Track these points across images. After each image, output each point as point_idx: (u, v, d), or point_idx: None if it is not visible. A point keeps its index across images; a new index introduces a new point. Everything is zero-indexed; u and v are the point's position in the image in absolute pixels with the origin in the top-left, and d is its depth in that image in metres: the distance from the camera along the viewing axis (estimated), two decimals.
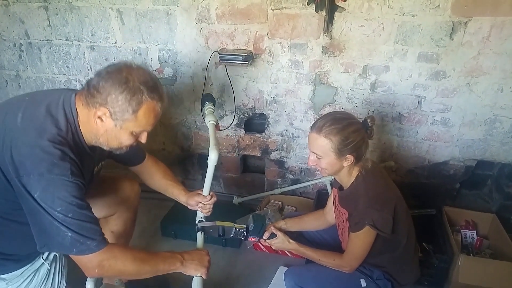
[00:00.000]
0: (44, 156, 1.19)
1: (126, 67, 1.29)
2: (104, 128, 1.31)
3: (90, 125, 1.33)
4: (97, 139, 1.36)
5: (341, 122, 1.55)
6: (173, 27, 2.40)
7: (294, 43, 2.28)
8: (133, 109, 1.27)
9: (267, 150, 2.69)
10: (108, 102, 1.25)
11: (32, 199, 1.18)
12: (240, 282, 2.20)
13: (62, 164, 1.21)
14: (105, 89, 1.25)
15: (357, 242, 1.63)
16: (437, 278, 2.14)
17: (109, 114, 1.27)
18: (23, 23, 2.62)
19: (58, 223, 1.19)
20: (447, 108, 2.25)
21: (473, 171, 2.44)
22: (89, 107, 1.29)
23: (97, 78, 1.27)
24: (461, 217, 2.45)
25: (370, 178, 1.63)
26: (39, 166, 1.18)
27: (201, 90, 2.52)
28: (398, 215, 1.62)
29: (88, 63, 2.66)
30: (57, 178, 1.19)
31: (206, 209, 1.84)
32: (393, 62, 2.19)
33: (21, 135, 1.22)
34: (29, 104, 1.32)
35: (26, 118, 1.26)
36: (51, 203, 1.18)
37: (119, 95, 1.24)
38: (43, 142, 1.21)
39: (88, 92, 1.28)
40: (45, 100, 1.33)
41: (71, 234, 1.20)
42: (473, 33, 2.03)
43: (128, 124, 1.30)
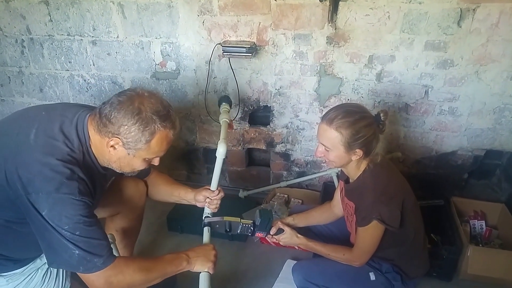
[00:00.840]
0: (53, 175, 1.20)
1: (137, 96, 1.30)
2: (117, 156, 1.34)
3: (103, 151, 1.35)
4: (110, 164, 1.40)
5: (353, 115, 1.52)
6: (175, 20, 2.38)
7: (298, 33, 2.24)
8: (146, 139, 1.29)
9: (272, 143, 2.67)
10: (121, 132, 1.27)
11: (40, 217, 1.19)
12: (247, 276, 2.20)
13: (70, 184, 1.22)
14: (118, 119, 1.26)
15: (366, 236, 1.61)
16: (446, 269, 2.12)
17: (122, 144, 1.29)
18: (24, 18, 2.60)
19: (66, 240, 1.20)
20: (455, 97, 2.22)
21: (482, 160, 2.41)
22: (101, 135, 1.31)
23: (109, 108, 1.28)
24: (470, 208, 2.43)
25: (378, 172, 1.60)
26: (48, 184, 1.19)
27: (205, 83, 2.50)
28: (407, 209, 1.60)
29: (90, 58, 2.64)
30: (65, 197, 1.20)
31: (213, 205, 1.82)
32: (399, 52, 2.15)
33: (32, 153, 1.24)
34: (44, 120, 1.34)
35: (39, 136, 1.28)
36: (58, 221, 1.19)
37: (132, 126, 1.26)
38: (53, 161, 1.22)
39: (100, 121, 1.29)
40: (59, 117, 1.35)
41: (78, 252, 1.21)
42: (481, 19, 1.99)
43: (141, 153, 1.33)
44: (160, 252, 2.37)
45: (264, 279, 2.15)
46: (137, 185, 1.82)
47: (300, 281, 1.79)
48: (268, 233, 1.84)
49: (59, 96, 2.87)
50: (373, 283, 1.72)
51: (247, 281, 2.17)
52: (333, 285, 1.75)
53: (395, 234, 1.59)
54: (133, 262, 1.37)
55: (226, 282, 2.15)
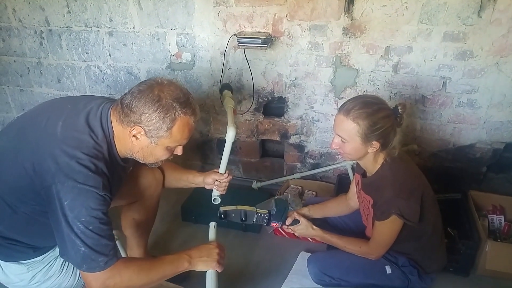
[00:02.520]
0: (80, 168, 1.22)
1: (157, 84, 1.32)
2: (140, 145, 1.36)
3: (125, 142, 1.37)
4: (133, 155, 1.42)
5: (371, 106, 1.50)
6: (190, 11, 2.38)
7: (313, 24, 2.22)
8: (168, 126, 1.30)
9: (286, 134, 2.66)
10: (142, 121, 1.29)
11: (59, 208, 1.20)
12: (260, 268, 2.20)
13: (95, 177, 1.24)
14: (139, 108, 1.28)
15: (383, 230, 1.60)
16: (463, 264, 2.09)
17: (144, 133, 1.31)
18: (43, 10, 2.64)
19: (74, 235, 1.20)
20: (474, 89, 2.17)
21: (501, 154, 2.35)
22: (123, 125, 1.33)
23: (130, 97, 1.30)
24: (488, 202, 2.39)
25: (396, 166, 1.58)
26: (75, 175, 1.21)
27: (220, 74, 2.50)
28: (425, 203, 1.58)
29: (106, 48, 2.67)
30: (90, 189, 1.22)
31: (222, 187, 1.84)
32: (417, 43, 2.12)
33: (60, 145, 1.26)
34: (70, 113, 1.36)
35: (66, 128, 1.30)
36: (78, 213, 1.20)
37: (153, 113, 1.27)
38: (80, 154, 1.24)
39: (122, 111, 1.31)
40: (84, 110, 1.36)
41: (84, 249, 1.21)
42: (502, 10, 1.94)
43: (163, 141, 1.34)
44: (173, 242, 2.39)
45: (278, 271, 2.15)
46: (154, 173, 1.84)
47: (316, 274, 1.79)
48: (284, 223, 1.84)
49: (76, 86, 2.91)
50: (389, 276, 1.72)
51: (261, 273, 2.17)
52: (348, 277, 1.74)
53: (413, 228, 1.57)
54: (132, 264, 1.36)
55: (239, 273, 2.16)
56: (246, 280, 2.12)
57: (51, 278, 1.50)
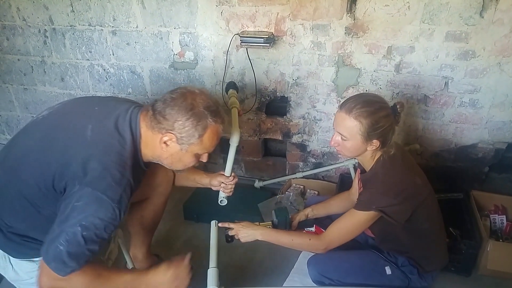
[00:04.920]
0: (105, 176, 1.23)
1: (189, 93, 1.35)
2: (170, 152, 1.39)
3: (154, 148, 1.39)
4: (160, 160, 1.45)
5: (373, 105, 1.50)
6: (193, 10, 2.38)
7: (316, 24, 2.23)
8: (199, 134, 1.34)
9: (289, 133, 2.67)
10: (175, 128, 1.32)
11: (69, 204, 1.20)
12: (263, 266, 2.21)
13: (116, 189, 1.24)
14: (172, 115, 1.31)
15: (352, 220, 1.58)
16: (465, 264, 2.09)
17: (176, 139, 1.34)
18: (47, 9, 2.65)
19: (63, 233, 1.17)
20: (476, 89, 2.17)
21: (503, 154, 2.35)
22: (154, 131, 1.35)
23: (162, 104, 1.33)
24: (490, 202, 2.39)
25: (389, 163, 1.57)
26: (98, 183, 1.22)
27: (222, 73, 2.51)
28: (420, 202, 1.57)
29: (110, 48, 2.68)
30: (106, 200, 1.21)
31: (228, 189, 1.88)
32: (419, 43, 2.12)
33: (89, 149, 1.27)
34: (98, 116, 1.37)
35: (96, 132, 1.32)
36: (83, 216, 1.18)
37: (186, 121, 1.31)
38: (108, 161, 1.26)
39: (153, 117, 1.34)
40: (113, 113, 1.38)
41: (62, 248, 1.17)
42: (504, 10, 1.94)
43: (193, 148, 1.38)
44: (175, 240, 2.40)
45: (280, 270, 2.15)
46: (166, 171, 1.84)
47: (315, 276, 1.78)
48: (290, 229, 1.88)
49: (79, 85, 2.92)
50: (389, 277, 1.70)
51: (263, 271, 2.18)
52: (348, 280, 1.73)
53: (407, 226, 1.57)
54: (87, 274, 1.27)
55: (241, 272, 2.17)
56: (248, 279, 2.13)
57: None
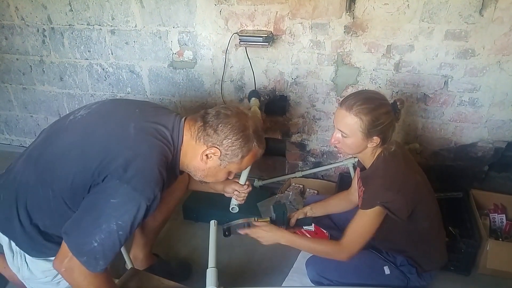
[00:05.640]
0: (145, 175, 1.23)
1: (243, 115, 1.39)
2: (208, 165, 1.40)
3: (192, 157, 1.40)
4: (194, 171, 1.45)
5: (373, 102, 1.50)
6: (192, 9, 2.38)
7: (315, 23, 2.22)
8: (242, 155, 1.38)
9: (288, 132, 2.66)
10: (223, 144, 1.34)
11: (103, 199, 1.19)
12: (261, 266, 2.20)
13: (153, 188, 1.23)
14: (223, 132, 1.33)
15: (363, 221, 1.56)
16: (464, 263, 2.08)
17: (219, 155, 1.36)
18: (45, 8, 2.64)
19: (99, 230, 1.17)
20: (476, 88, 2.17)
21: (503, 153, 2.35)
22: (199, 141, 1.36)
23: (216, 119, 1.34)
24: (490, 201, 2.38)
25: (390, 160, 1.58)
26: (138, 181, 1.21)
27: (221, 72, 2.51)
28: (419, 200, 1.57)
29: (109, 47, 2.67)
30: (143, 199, 1.20)
31: (241, 197, 1.87)
32: (418, 41, 2.12)
33: (134, 144, 1.28)
34: (141, 117, 1.38)
35: (138, 131, 1.32)
36: (119, 214, 1.18)
37: (235, 140, 1.34)
38: (151, 158, 1.26)
39: (203, 128, 1.35)
40: (154, 118, 1.38)
41: (96, 245, 1.17)
42: (504, 8, 1.93)
43: (231, 166, 1.41)
44: (175, 240, 2.39)
45: (279, 270, 2.15)
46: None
47: (314, 276, 1.78)
48: (288, 225, 1.87)
49: (78, 84, 2.91)
50: (388, 277, 1.70)
51: (262, 271, 2.17)
52: (347, 280, 1.73)
53: (406, 225, 1.57)
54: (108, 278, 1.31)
55: (240, 272, 2.17)
56: (247, 278, 2.12)
57: None
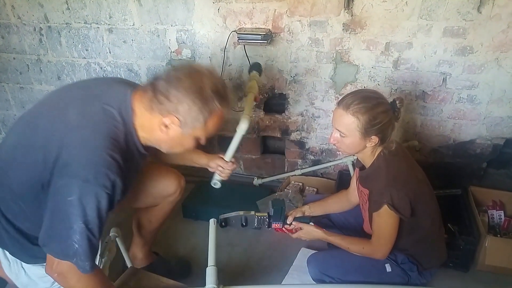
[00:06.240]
0: (93, 162, 1.16)
1: (197, 73, 1.25)
2: (170, 135, 1.29)
3: (152, 130, 1.29)
4: (158, 144, 1.35)
5: (371, 101, 1.50)
6: (190, 7, 2.37)
7: (314, 20, 2.22)
8: (205, 118, 1.25)
9: (287, 130, 2.66)
10: (179, 111, 1.22)
11: (61, 201, 1.14)
12: (261, 264, 2.21)
13: (108, 174, 1.16)
14: (177, 97, 1.20)
15: (381, 223, 1.60)
16: (463, 260, 2.09)
17: (178, 123, 1.24)
18: (42, 7, 2.63)
19: (72, 232, 1.14)
20: (474, 85, 2.17)
21: (501, 149, 2.35)
22: (153, 112, 1.25)
23: (166, 84, 1.22)
24: (488, 197, 2.38)
25: (391, 159, 1.59)
26: (86, 172, 1.14)
27: (220, 70, 2.50)
28: (421, 198, 1.58)
29: (106, 45, 2.66)
30: (98, 188, 1.15)
31: (224, 174, 1.82)
32: (417, 38, 2.12)
33: (74, 135, 1.19)
34: (83, 100, 1.29)
35: (80, 117, 1.22)
36: (81, 211, 1.14)
37: (192, 105, 1.21)
38: (97, 146, 1.18)
39: (154, 97, 1.23)
40: (100, 95, 1.29)
41: (77, 247, 1.15)
42: (502, 5, 1.93)
43: (196, 132, 1.29)
44: (174, 239, 2.39)
45: (278, 267, 2.16)
46: (179, 180, 1.81)
47: (316, 274, 1.79)
48: (285, 222, 1.85)
49: None
50: (389, 275, 1.71)
51: (262, 269, 2.17)
52: (349, 278, 1.74)
53: (408, 223, 1.58)
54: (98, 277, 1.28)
55: (240, 270, 2.17)
56: (247, 276, 2.12)
57: None
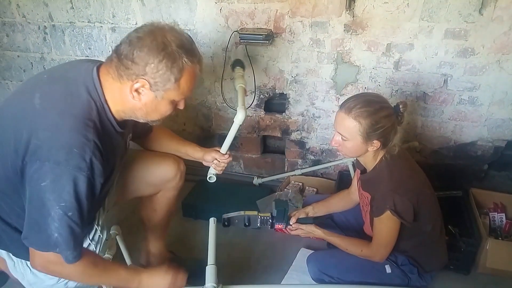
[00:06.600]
0: (64, 143, 1.11)
1: (158, 30, 1.17)
2: (143, 101, 1.22)
3: (124, 100, 1.23)
4: (133, 114, 1.28)
5: (373, 105, 1.50)
6: (193, 7, 2.38)
7: (315, 21, 2.22)
8: (175, 77, 1.18)
9: (288, 130, 2.67)
10: (147, 72, 1.15)
11: (35, 188, 1.10)
12: (261, 263, 2.21)
13: (81, 154, 1.11)
14: (141, 58, 1.13)
15: (382, 228, 1.60)
16: (464, 262, 2.08)
17: (149, 86, 1.18)
18: (46, 6, 2.65)
19: (51, 219, 1.11)
20: (475, 86, 2.16)
21: (503, 151, 2.35)
22: (122, 79, 1.18)
23: (129, 47, 1.15)
24: (489, 199, 2.37)
25: (394, 163, 1.58)
26: (57, 154, 1.09)
27: (221, 70, 2.50)
28: (423, 203, 1.58)
29: (109, 44, 2.68)
30: (72, 170, 1.10)
31: (220, 167, 1.81)
32: (418, 40, 2.11)
33: (40, 118, 1.14)
34: (47, 82, 1.24)
35: (45, 99, 1.17)
36: (57, 196, 1.10)
37: (159, 63, 1.14)
38: (64, 126, 1.12)
39: (119, 63, 1.16)
40: (63, 76, 1.24)
41: (57, 236, 1.12)
42: (504, 7, 1.93)
43: (169, 94, 1.22)
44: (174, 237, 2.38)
45: (278, 267, 2.16)
46: (178, 164, 1.77)
47: (315, 273, 1.79)
48: (288, 223, 1.85)
49: None
50: (389, 276, 1.71)
51: (261, 269, 2.18)
52: (348, 277, 1.74)
53: (409, 227, 1.57)
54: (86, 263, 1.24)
55: (239, 269, 2.17)
56: (246, 276, 2.13)
57: None
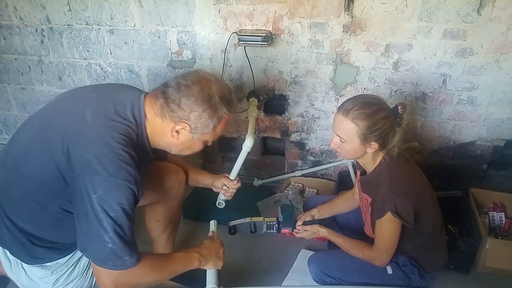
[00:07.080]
0: (113, 158, 1.19)
1: (205, 81, 1.30)
2: (180, 140, 1.35)
3: (163, 135, 1.35)
4: (168, 147, 1.41)
5: (371, 107, 1.50)
6: (191, 8, 2.38)
7: (314, 22, 2.22)
8: (214, 125, 1.32)
9: (287, 131, 2.67)
10: (191, 118, 1.29)
11: (88, 200, 1.16)
12: (261, 265, 2.21)
13: (128, 169, 1.20)
14: (188, 106, 1.27)
15: (383, 230, 1.59)
16: (464, 262, 2.09)
17: (189, 129, 1.31)
18: (44, 8, 2.64)
19: (103, 230, 1.16)
20: (474, 86, 2.17)
21: (502, 151, 2.35)
22: (165, 118, 1.31)
23: (177, 93, 1.28)
24: (489, 199, 2.39)
25: (393, 165, 1.58)
26: (107, 167, 1.17)
27: (220, 72, 2.50)
28: (423, 204, 1.58)
29: (107, 46, 2.67)
30: (122, 183, 1.18)
31: (229, 193, 1.87)
32: (417, 40, 2.12)
33: (91, 133, 1.23)
34: (97, 101, 1.33)
35: (96, 116, 1.26)
36: (108, 207, 1.16)
37: (203, 112, 1.28)
38: (114, 143, 1.21)
39: (165, 104, 1.29)
40: (113, 98, 1.34)
41: (111, 246, 1.17)
42: (502, 7, 1.93)
43: (205, 136, 1.37)
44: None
45: (279, 268, 2.16)
46: (177, 174, 1.82)
47: (317, 274, 1.79)
48: (294, 227, 1.86)
49: (77, 84, 2.90)
50: (390, 277, 1.71)
51: (261, 270, 2.18)
52: (349, 278, 1.74)
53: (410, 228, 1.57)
54: (146, 261, 1.30)
55: (240, 271, 2.17)
56: (246, 277, 2.13)
57: (74, 281, 1.51)
